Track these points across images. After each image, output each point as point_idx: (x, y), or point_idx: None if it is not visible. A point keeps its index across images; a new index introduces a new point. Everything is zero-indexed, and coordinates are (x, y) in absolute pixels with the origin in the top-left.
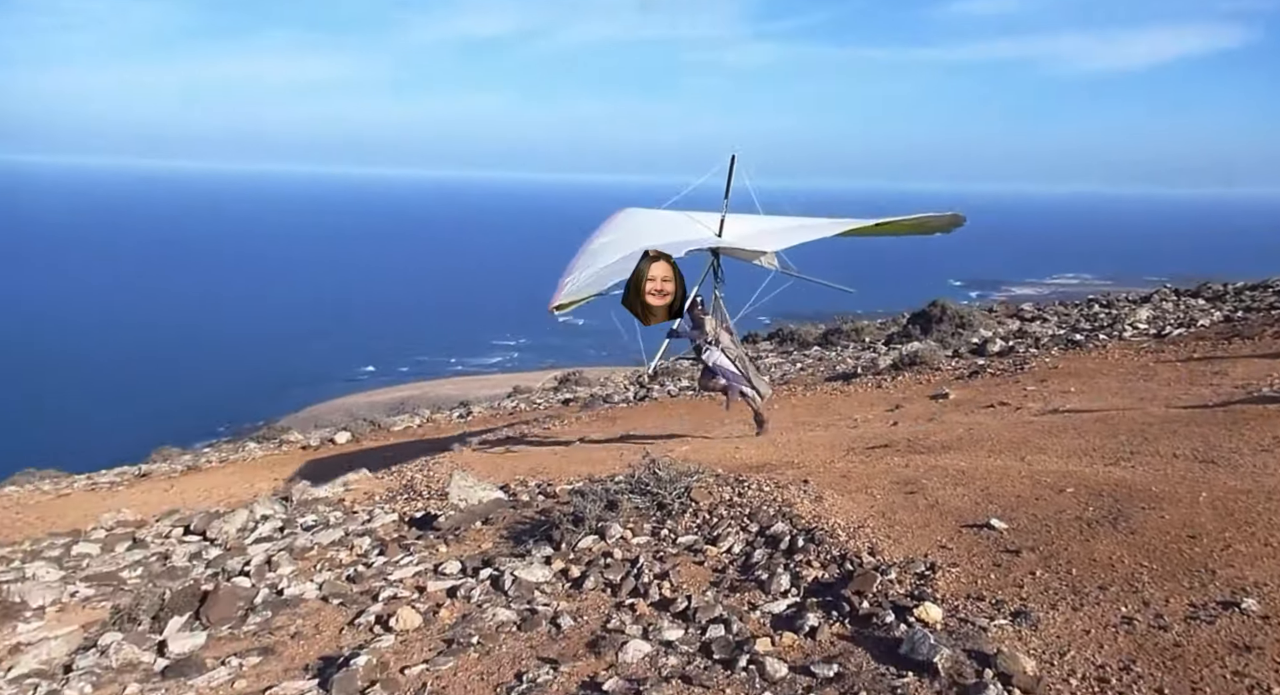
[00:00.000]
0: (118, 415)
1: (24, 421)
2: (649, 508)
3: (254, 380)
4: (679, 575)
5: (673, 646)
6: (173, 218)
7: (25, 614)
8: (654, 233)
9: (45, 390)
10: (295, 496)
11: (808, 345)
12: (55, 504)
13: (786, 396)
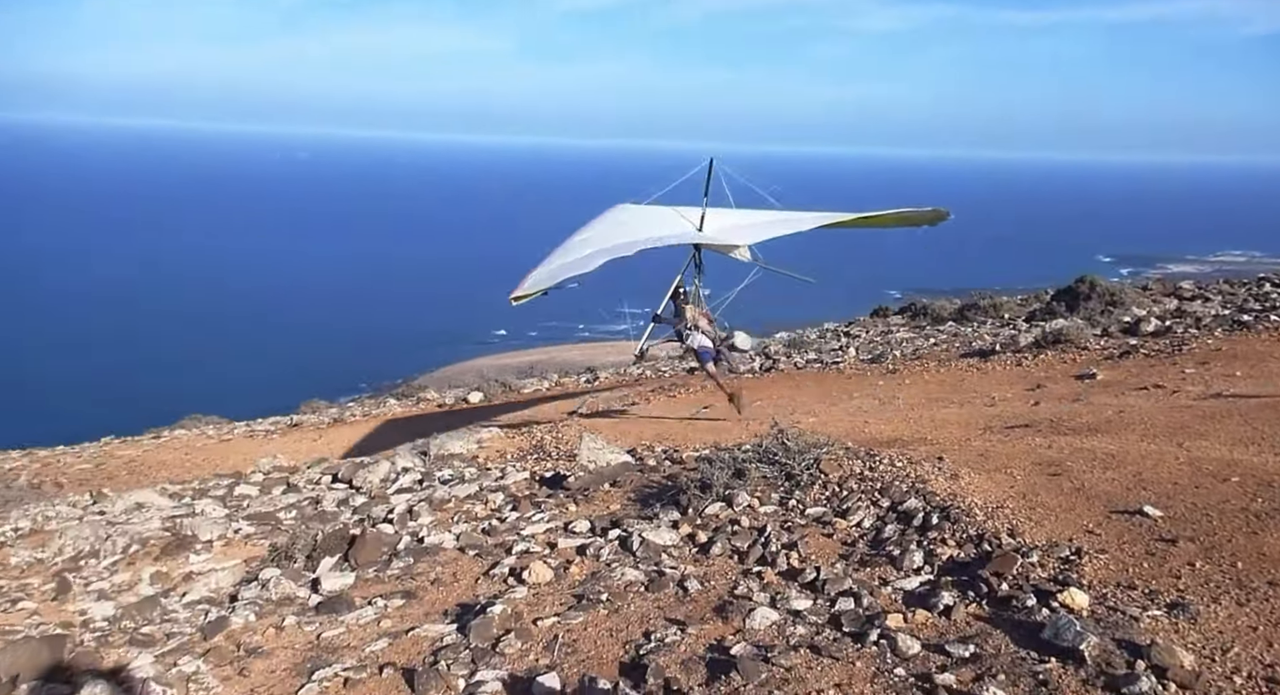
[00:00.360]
0: (273, 368)
1: (190, 372)
2: (776, 477)
3: (394, 340)
4: (807, 546)
5: (801, 616)
6: (319, 183)
7: (196, 546)
8: (636, 228)
9: (209, 344)
10: (433, 451)
11: (941, 320)
12: (219, 448)
13: (919, 372)
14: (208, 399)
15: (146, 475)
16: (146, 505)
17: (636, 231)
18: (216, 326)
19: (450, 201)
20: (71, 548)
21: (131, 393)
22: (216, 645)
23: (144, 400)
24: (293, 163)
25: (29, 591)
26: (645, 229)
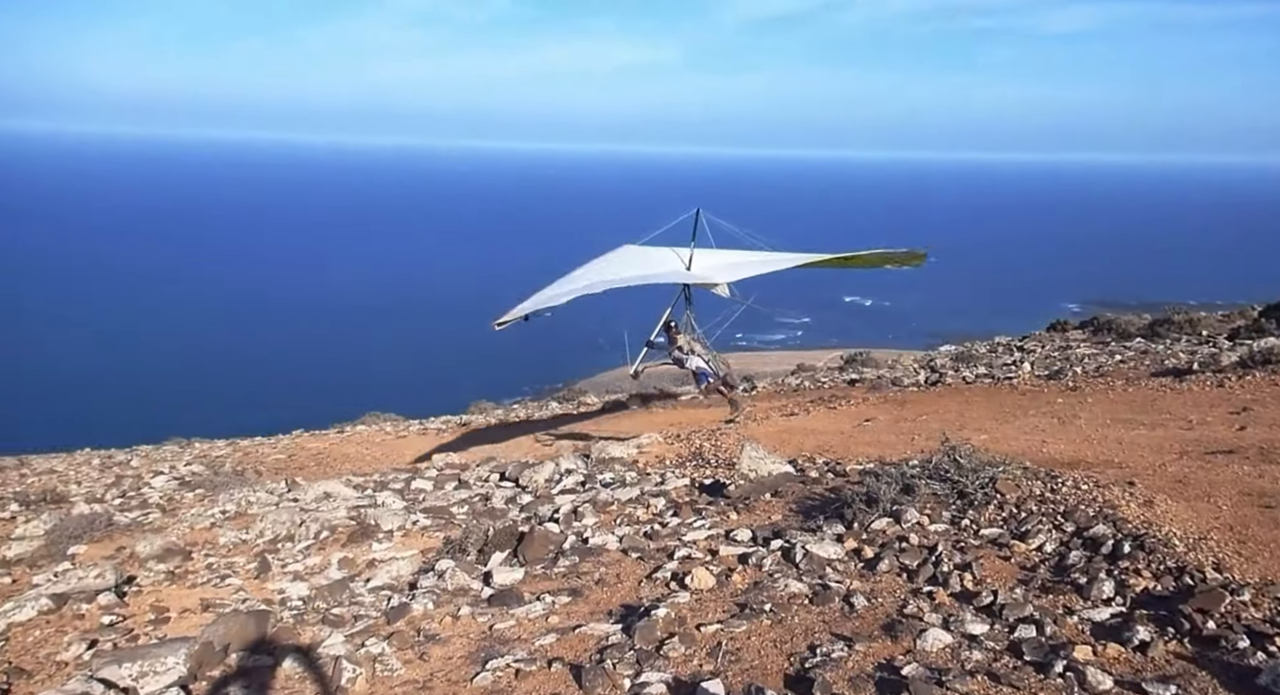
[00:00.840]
0: (445, 370)
1: (370, 371)
2: (948, 495)
3: (556, 345)
4: (982, 568)
5: (977, 641)
6: (503, 193)
7: (378, 535)
8: (630, 266)
9: (388, 345)
10: (594, 454)
11: (1128, 336)
12: (395, 443)
13: (1103, 390)
14: (385, 397)
15: (332, 467)
16: (334, 495)
17: (629, 270)
18: (395, 328)
19: (614, 210)
20: (270, 531)
21: (318, 389)
22: (399, 630)
23: (329, 397)
24: (456, 175)
25: (235, 569)
26: (638, 268)
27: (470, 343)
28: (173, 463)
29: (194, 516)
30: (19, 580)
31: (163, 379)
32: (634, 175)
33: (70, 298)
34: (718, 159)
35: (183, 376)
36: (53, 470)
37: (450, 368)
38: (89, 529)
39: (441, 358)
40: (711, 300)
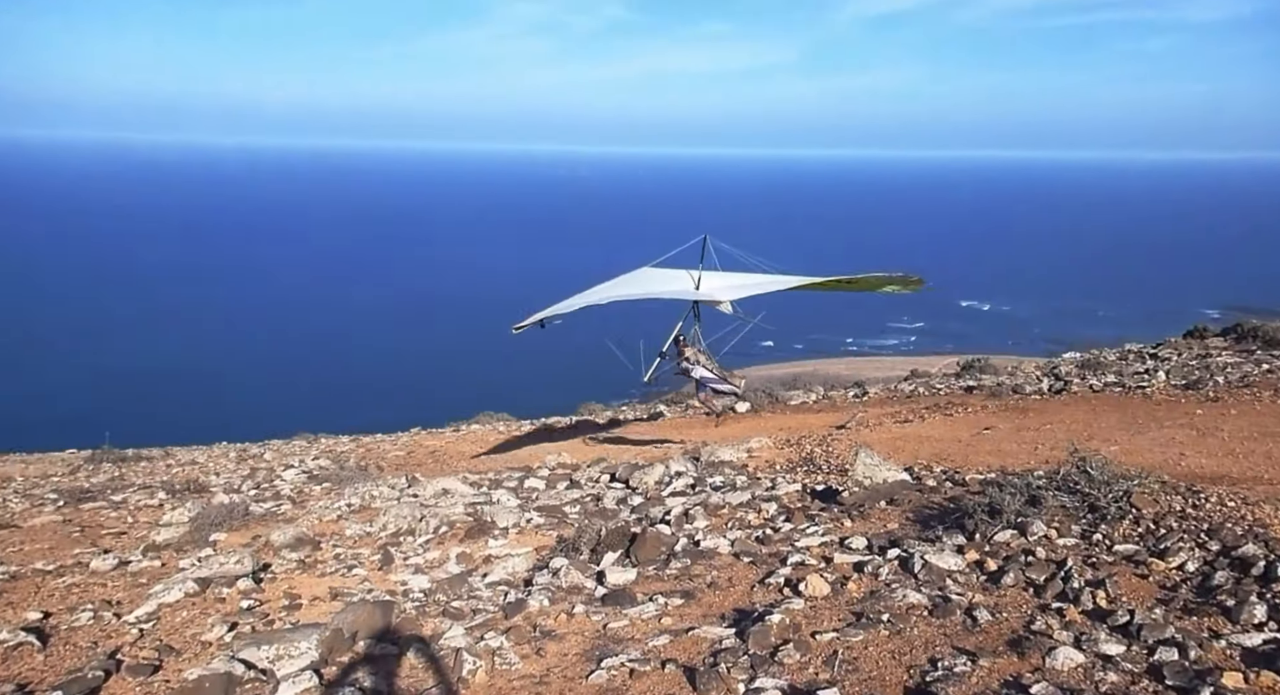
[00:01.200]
0: (554, 371)
1: (484, 371)
2: (1078, 508)
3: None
4: (1117, 586)
5: (1112, 661)
6: (599, 197)
7: (494, 532)
8: (644, 284)
9: (501, 347)
10: (704, 457)
11: (1277, 344)
12: (509, 443)
13: (1248, 402)
14: (498, 397)
15: (449, 464)
16: (451, 491)
17: (643, 287)
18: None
19: (728, 213)
20: (393, 525)
21: (435, 388)
22: (516, 625)
23: (445, 396)
24: (576, 180)
25: (360, 560)
26: (652, 286)
27: (581, 345)
28: (301, 457)
29: (322, 509)
30: (167, 564)
31: (290, 377)
32: (749, 178)
33: (233, 304)
34: (838, 160)
35: (309, 375)
36: (194, 461)
37: (561, 369)
38: (228, 518)
39: (553, 359)
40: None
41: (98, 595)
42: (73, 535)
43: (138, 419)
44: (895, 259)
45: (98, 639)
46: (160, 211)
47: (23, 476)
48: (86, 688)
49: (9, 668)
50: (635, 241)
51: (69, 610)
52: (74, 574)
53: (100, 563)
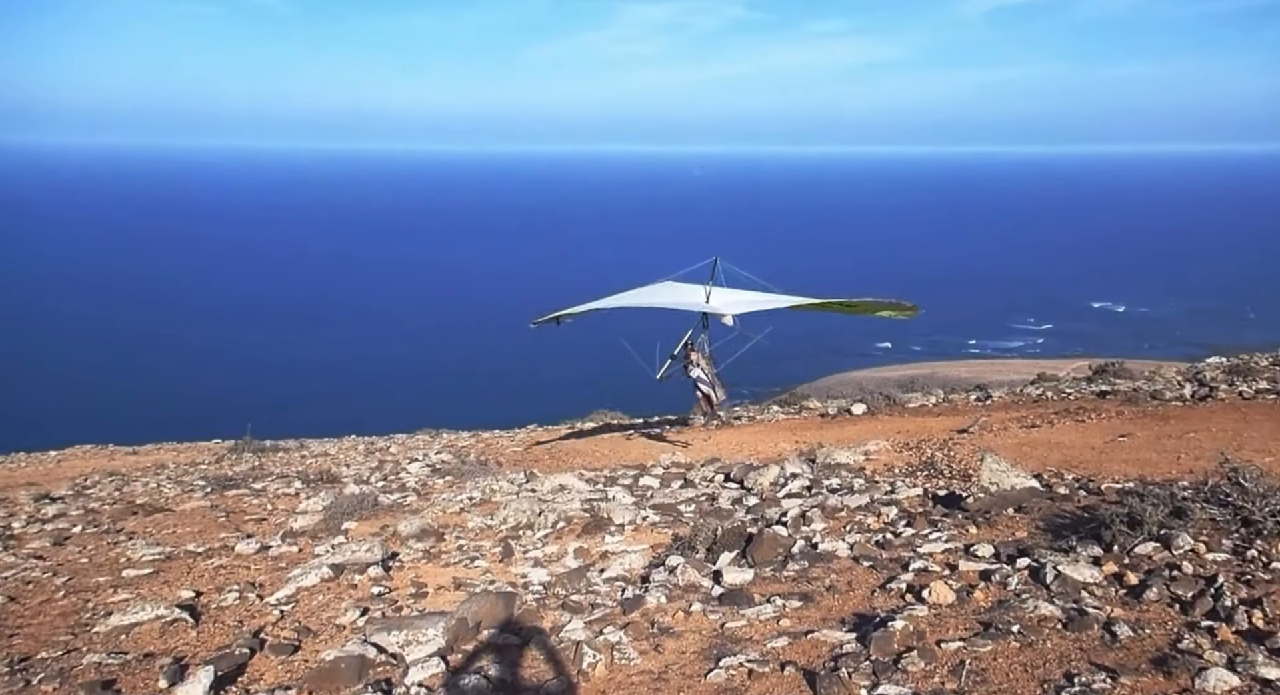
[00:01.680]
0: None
1: (598, 370)
2: (1229, 522)
3: (775, 349)
4: (1275, 606)
5: (1273, 686)
6: (714, 198)
7: (610, 528)
8: (660, 296)
9: (616, 346)
10: (820, 459)
11: None
12: (623, 441)
13: None
14: (612, 395)
15: (564, 461)
16: (568, 487)
17: (656, 298)
18: (622, 332)
19: (843, 215)
20: (512, 518)
21: (551, 386)
22: (634, 620)
23: (561, 393)
24: (689, 180)
25: (482, 552)
26: (667, 297)
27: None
28: (425, 451)
29: (445, 501)
30: (304, 550)
31: (414, 375)
32: (872, 175)
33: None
34: (961, 157)
35: (432, 373)
36: (326, 453)
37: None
38: (359, 507)
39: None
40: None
41: (242, 577)
42: (219, 520)
43: (274, 411)
44: (1027, 257)
45: (243, 618)
46: (307, 212)
47: (174, 464)
48: (234, 664)
49: (166, 641)
50: (744, 241)
51: (217, 590)
52: (221, 556)
53: (244, 546)
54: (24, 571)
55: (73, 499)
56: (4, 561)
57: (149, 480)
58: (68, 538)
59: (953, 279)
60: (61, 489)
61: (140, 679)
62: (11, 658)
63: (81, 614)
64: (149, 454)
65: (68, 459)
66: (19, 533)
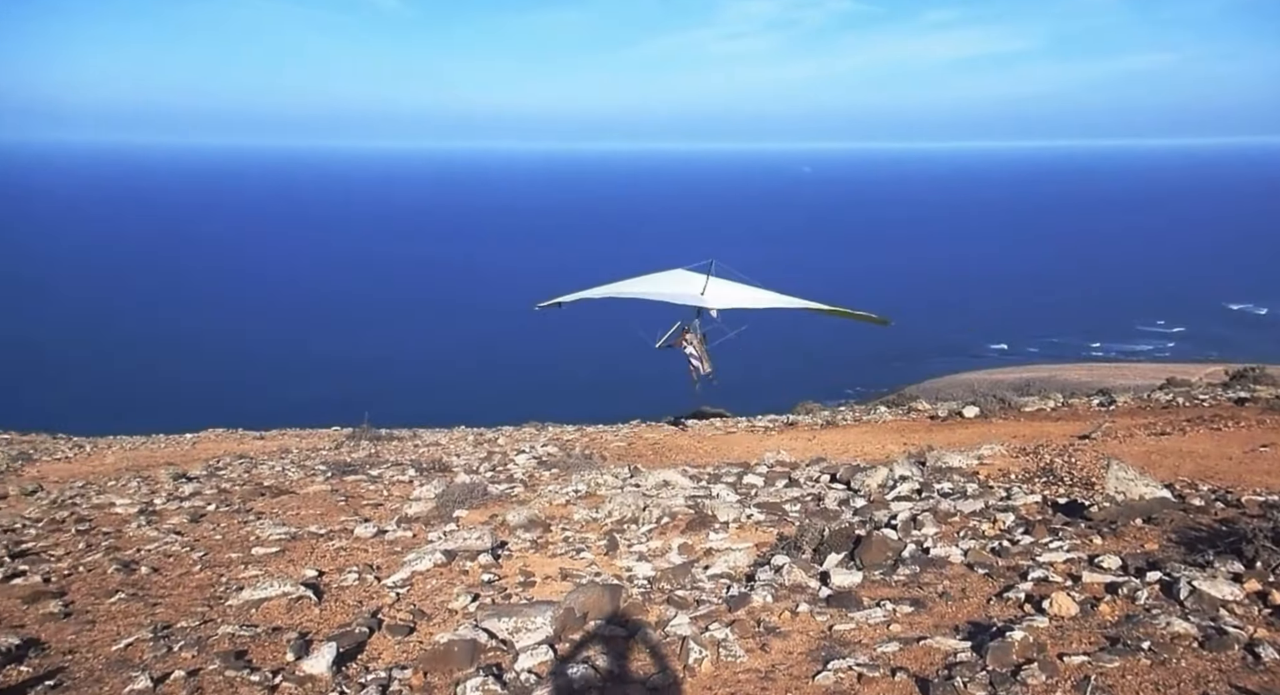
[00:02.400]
0: (771, 368)
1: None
2: None
3: (882, 349)
4: None
5: None
6: (824, 196)
7: (715, 525)
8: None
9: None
10: (930, 462)
11: None
12: (724, 438)
13: None
14: (715, 393)
15: (667, 457)
16: (672, 483)
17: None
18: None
19: (960, 211)
20: (617, 512)
21: (653, 383)
22: (739, 618)
23: (662, 391)
24: (799, 178)
25: (587, 544)
26: (668, 286)
27: (798, 342)
28: (531, 443)
29: (551, 493)
30: (418, 535)
31: (522, 368)
32: (988, 169)
33: (472, 300)
34: (1087, 150)
35: (539, 366)
36: (437, 443)
37: (777, 366)
38: (469, 497)
39: (770, 356)
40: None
41: (361, 559)
42: (339, 504)
43: (389, 400)
44: (1157, 255)
45: (362, 598)
46: (419, 211)
47: (297, 449)
48: (355, 642)
49: (293, 617)
50: (852, 237)
51: (338, 570)
52: (341, 539)
53: (362, 530)
54: (165, 545)
55: (206, 479)
56: (147, 535)
57: (274, 464)
58: (203, 515)
59: (1074, 277)
60: (197, 469)
61: (269, 651)
62: (155, 625)
63: (216, 587)
64: (274, 439)
65: (202, 442)
66: (160, 509)
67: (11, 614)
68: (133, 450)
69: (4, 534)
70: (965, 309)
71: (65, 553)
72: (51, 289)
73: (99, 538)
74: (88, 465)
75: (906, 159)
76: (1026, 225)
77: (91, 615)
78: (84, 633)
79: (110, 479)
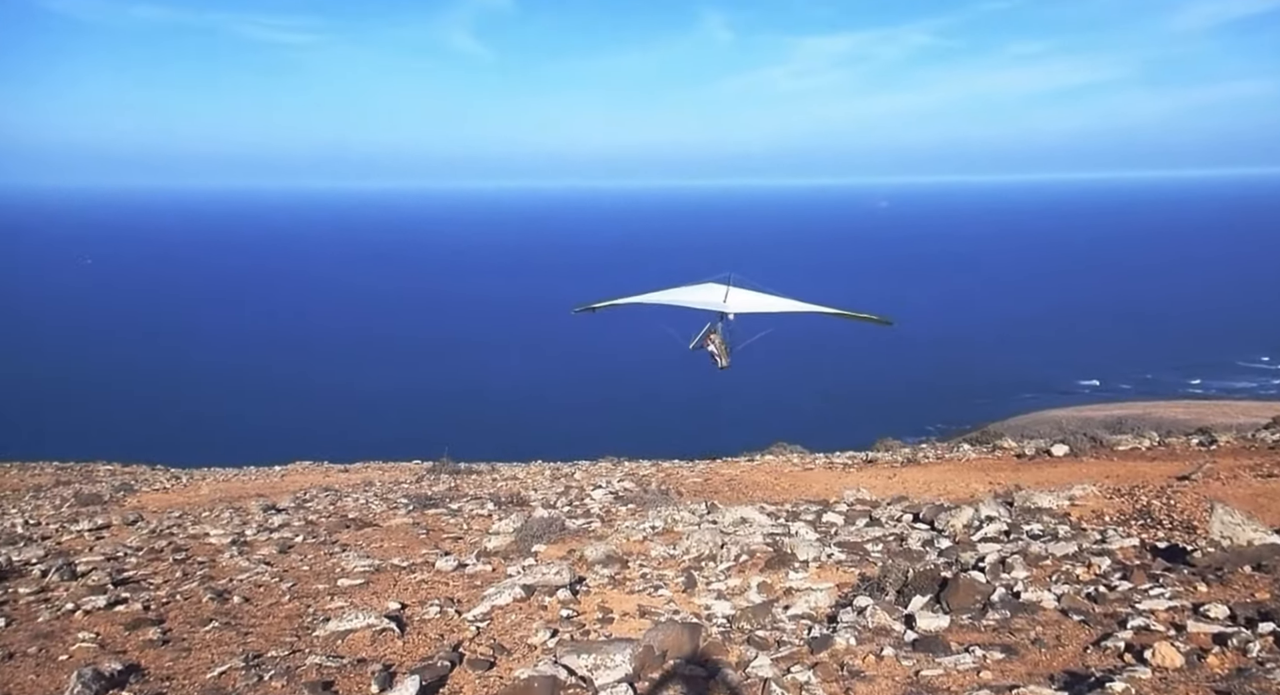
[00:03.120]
0: (849, 403)
1: (779, 403)
2: None
3: (965, 384)
4: None
5: None
6: (900, 230)
7: (794, 564)
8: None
9: (801, 377)
10: (1018, 502)
11: None
12: (802, 475)
13: None
14: (791, 428)
15: (744, 493)
16: (750, 520)
17: (687, 296)
18: (807, 361)
19: (1046, 243)
20: (695, 549)
21: (730, 419)
22: (822, 661)
23: (739, 427)
24: (873, 212)
25: (665, 581)
26: (694, 295)
27: (877, 377)
28: (607, 478)
29: (628, 529)
30: (497, 569)
31: (599, 404)
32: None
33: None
34: (1183, 181)
35: (616, 402)
36: (515, 477)
37: (855, 401)
38: (547, 531)
39: (848, 391)
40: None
41: (442, 592)
42: (420, 537)
43: (466, 434)
44: (1260, 289)
45: (444, 632)
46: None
47: (380, 482)
48: (436, 675)
49: (377, 648)
50: (924, 270)
51: (420, 603)
52: (423, 572)
53: (443, 563)
54: (256, 575)
55: (295, 511)
56: (239, 565)
57: (359, 496)
58: (291, 546)
59: (1170, 311)
60: (285, 501)
61: (355, 682)
62: (247, 654)
63: (304, 618)
64: (358, 472)
65: (290, 474)
66: (251, 540)
67: (114, 640)
68: (225, 482)
69: (108, 562)
70: (1053, 344)
71: (163, 581)
72: (150, 328)
73: (194, 567)
74: (184, 496)
75: (991, 192)
76: (1118, 258)
77: (188, 643)
78: (180, 660)
79: (205, 510)
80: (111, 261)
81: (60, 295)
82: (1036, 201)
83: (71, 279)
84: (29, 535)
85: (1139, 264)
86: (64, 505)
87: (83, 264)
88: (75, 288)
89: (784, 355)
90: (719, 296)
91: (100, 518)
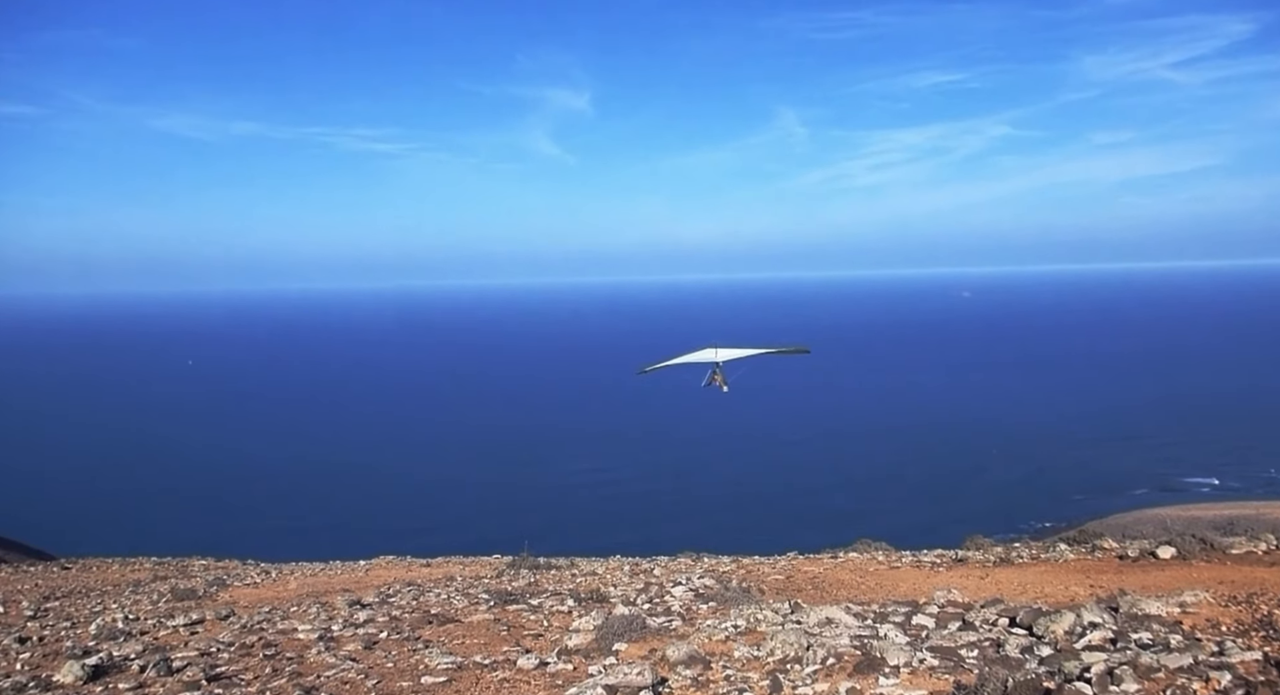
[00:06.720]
0: (936, 498)
1: (862, 497)
2: None
3: (1061, 481)
4: None
5: None
6: (985, 321)
7: (884, 669)
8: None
9: (883, 469)
10: (1123, 607)
11: None
12: (889, 574)
13: None
14: (877, 523)
15: (828, 592)
16: (835, 621)
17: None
18: (891, 452)
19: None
20: (780, 651)
21: (813, 511)
22: None
23: (821, 521)
24: (958, 301)
25: (750, 685)
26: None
27: (967, 472)
28: (687, 574)
29: (710, 628)
30: (578, 668)
31: (676, 498)
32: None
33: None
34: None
35: (693, 497)
36: (594, 572)
37: (944, 497)
38: (628, 629)
39: (936, 486)
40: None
41: (524, 691)
42: (501, 633)
43: (545, 529)
44: None
45: None
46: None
47: (461, 576)
48: None
49: None
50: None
51: None
52: (504, 670)
53: (525, 661)
54: (342, 672)
55: (379, 606)
56: (326, 661)
57: (440, 591)
58: (376, 642)
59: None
60: (369, 596)
61: None
62: None
63: None
64: (440, 567)
65: (374, 568)
66: (337, 635)
67: None
68: (313, 576)
69: (202, 657)
70: (1156, 439)
71: (254, 677)
72: (241, 428)
73: (284, 663)
74: (273, 590)
75: (1076, 281)
76: (1211, 350)
77: None
78: None
79: (293, 604)
80: (214, 363)
81: (163, 396)
82: (1134, 289)
83: (174, 382)
84: (128, 630)
85: (1233, 355)
86: (161, 600)
87: (184, 365)
88: (176, 390)
89: (869, 445)
90: (712, 354)
91: (195, 613)
